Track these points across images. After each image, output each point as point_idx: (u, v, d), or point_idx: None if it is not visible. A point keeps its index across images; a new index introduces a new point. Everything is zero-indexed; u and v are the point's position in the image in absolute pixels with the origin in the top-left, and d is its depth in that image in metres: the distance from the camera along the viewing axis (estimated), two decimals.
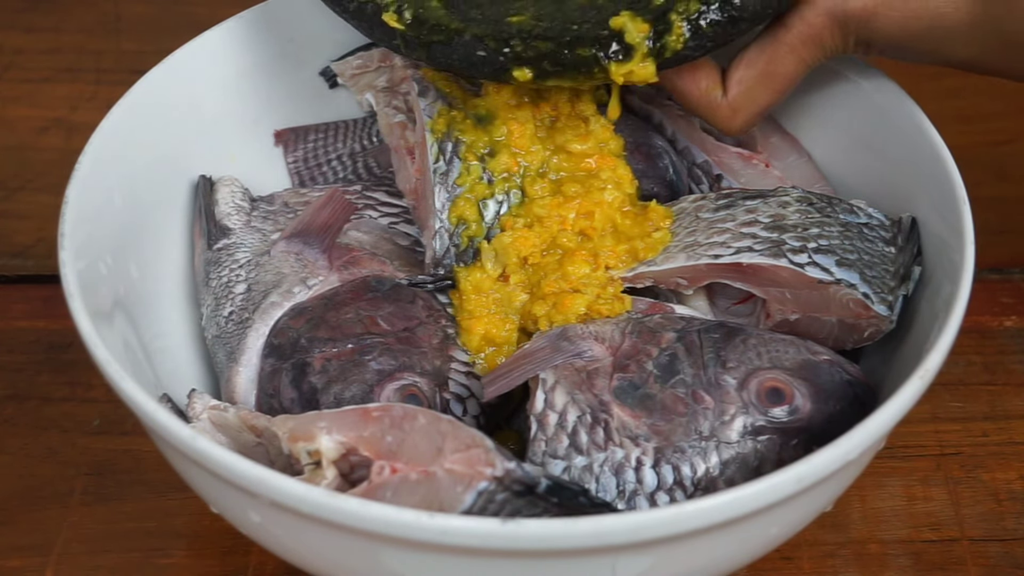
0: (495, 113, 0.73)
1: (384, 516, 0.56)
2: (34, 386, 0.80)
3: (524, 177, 0.73)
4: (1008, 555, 0.73)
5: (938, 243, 0.69)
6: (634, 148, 0.75)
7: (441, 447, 0.60)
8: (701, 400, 0.65)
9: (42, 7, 1.06)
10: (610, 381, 0.66)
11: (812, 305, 0.68)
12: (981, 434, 0.78)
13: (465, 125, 0.73)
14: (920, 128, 0.72)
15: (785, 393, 0.65)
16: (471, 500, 0.59)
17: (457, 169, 0.73)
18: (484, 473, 0.59)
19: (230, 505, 0.63)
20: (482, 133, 0.73)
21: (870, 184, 0.75)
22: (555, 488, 0.60)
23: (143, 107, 0.75)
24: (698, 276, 0.69)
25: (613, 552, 0.57)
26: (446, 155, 0.73)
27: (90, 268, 0.68)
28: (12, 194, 0.92)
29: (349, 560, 0.61)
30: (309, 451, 0.62)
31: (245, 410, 0.67)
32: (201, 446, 0.59)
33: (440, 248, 0.72)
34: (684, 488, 0.63)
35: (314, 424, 0.62)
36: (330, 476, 0.62)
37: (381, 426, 0.62)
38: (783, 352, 0.66)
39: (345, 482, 0.62)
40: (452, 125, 0.73)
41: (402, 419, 0.62)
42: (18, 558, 0.73)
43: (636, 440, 0.64)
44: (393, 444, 0.61)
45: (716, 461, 0.64)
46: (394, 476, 0.60)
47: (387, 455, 0.61)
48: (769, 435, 0.64)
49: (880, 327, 0.67)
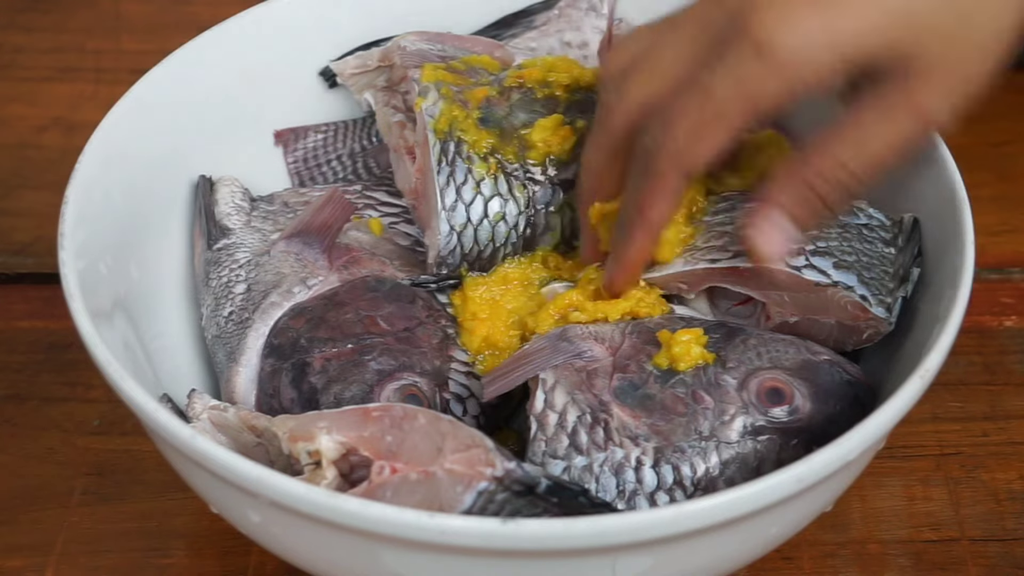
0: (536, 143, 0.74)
1: (384, 516, 0.56)
2: (34, 386, 0.80)
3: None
4: (1008, 555, 0.73)
5: (938, 244, 0.69)
6: None
7: (441, 447, 0.60)
8: (701, 400, 0.65)
9: (42, 7, 1.06)
10: (610, 381, 0.66)
11: (811, 307, 0.68)
12: (981, 434, 0.78)
13: (467, 124, 0.73)
14: None
15: (785, 393, 0.65)
16: (471, 500, 0.59)
17: (461, 169, 0.73)
18: (484, 473, 0.59)
19: (230, 505, 0.63)
20: (485, 133, 0.73)
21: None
22: (555, 488, 0.60)
23: (144, 106, 0.75)
24: (697, 280, 0.69)
25: (613, 552, 0.57)
26: (448, 155, 0.73)
27: (90, 268, 0.68)
28: (11, 192, 0.92)
29: (348, 560, 0.61)
30: (309, 451, 0.62)
31: (245, 410, 0.67)
32: (201, 446, 0.59)
33: (444, 248, 0.72)
34: (684, 488, 0.63)
35: (314, 424, 0.62)
36: (330, 476, 0.62)
37: (381, 426, 0.62)
38: (783, 352, 0.66)
39: (345, 482, 0.62)
40: (454, 124, 0.73)
41: (402, 419, 0.62)
42: (18, 558, 0.73)
43: (636, 440, 0.64)
44: (393, 444, 0.61)
45: (716, 461, 0.64)
46: (394, 476, 0.60)
47: (387, 455, 0.61)
48: (769, 435, 0.64)
49: (879, 329, 0.67)
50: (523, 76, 0.76)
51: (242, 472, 0.58)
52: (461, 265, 0.73)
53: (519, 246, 0.74)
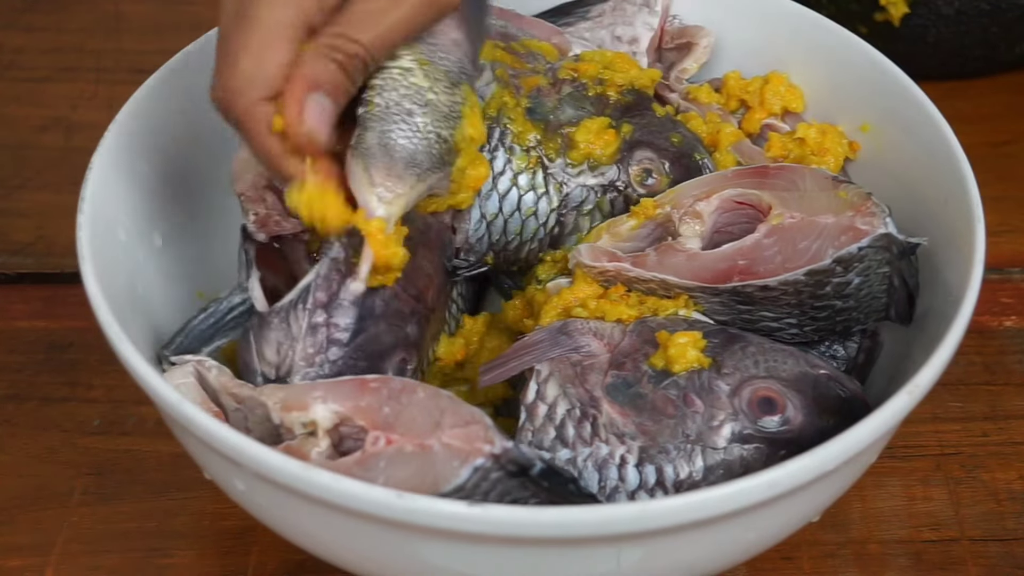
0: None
1: (353, 492, 0.56)
2: (34, 386, 0.80)
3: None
4: (1008, 555, 0.73)
5: (944, 265, 0.69)
6: (675, 160, 0.75)
7: (440, 421, 0.61)
8: (692, 403, 0.65)
9: (42, 7, 1.06)
10: (604, 378, 0.66)
11: (816, 207, 0.68)
12: (981, 434, 0.78)
13: (516, 113, 0.73)
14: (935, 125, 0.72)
15: (777, 403, 0.65)
16: (467, 475, 0.59)
17: (501, 157, 0.72)
18: (482, 450, 0.59)
19: (217, 471, 0.63)
20: (531, 125, 0.73)
21: (885, 184, 0.75)
22: (548, 473, 0.60)
23: (173, 82, 0.75)
24: (716, 186, 0.70)
25: (579, 544, 0.58)
26: (492, 141, 0.72)
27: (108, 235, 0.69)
28: (12, 192, 0.92)
29: (327, 534, 0.61)
30: (304, 422, 0.62)
31: (227, 376, 0.67)
32: (187, 411, 0.60)
33: (473, 235, 0.73)
34: (665, 489, 0.63)
35: (308, 395, 0.63)
36: (323, 445, 0.62)
37: (379, 397, 0.62)
38: (781, 362, 0.66)
39: (336, 453, 0.62)
40: (503, 111, 0.73)
41: (400, 391, 0.62)
42: (18, 558, 0.73)
43: (622, 438, 0.64)
44: (391, 415, 0.61)
45: (700, 465, 0.64)
46: (389, 447, 0.60)
47: (383, 426, 0.61)
48: (757, 444, 0.64)
49: (873, 225, 0.66)
50: (578, 69, 0.75)
51: (225, 441, 0.59)
52: (487, 253, 0.73)
53: (546, 243, 0.74)
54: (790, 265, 0.66)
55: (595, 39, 0.82)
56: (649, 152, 0.74)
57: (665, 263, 0.69)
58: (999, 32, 0.94)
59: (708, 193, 0.70)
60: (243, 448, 0.58)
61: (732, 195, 0.70)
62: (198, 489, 0.74)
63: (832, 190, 0.68)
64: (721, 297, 0.68)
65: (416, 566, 0.61)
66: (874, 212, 0.66)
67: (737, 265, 0.67)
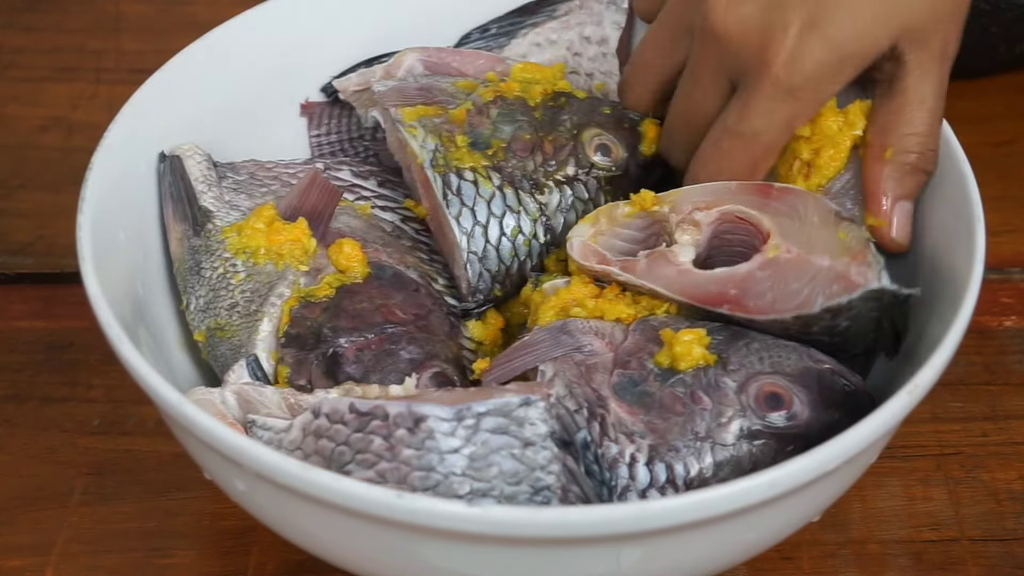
0: None
1: (354, 492, 0.56)
2: (34, 386, 0.80)
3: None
4: (1008, 555, 0.73)
5: (946, 271, 0.68)
6: (616, 126, 0.76)
7: None
8: (699, 401, 0.65)
9: (42, 7, 1.06)
10: (610, 376, 0.66)
11: (814, 244, 0.67)
12: (981, 434, 0.78)
13: (461, 154, 0.73)
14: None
15: (784, 399, 0.65)
16: None
17: (468, 194, 0.73)
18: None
19: (217, 471, 0.64)
20: (479, 156, 0.73)
21: None
22: None
23: (175, 83, 0.75)
24: (719, 199, 0.70)
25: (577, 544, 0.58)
26: (452, 187, 0.73)
27: (108, 235, 0.69)
28: (12, 192, 0.92)
29: (329, 536, 0.61)
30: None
31: (288, 390, 0.67)
32: (188, 411, 0.60)
33: (473, 278, 0.73)
34: (676, 487, 0.63)
35: None
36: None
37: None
38: (785, 358, 0.66)
39: None
40: (448, 158, 0.73)
41: None
42: (18, 558, 0.73)
43: (632, 436, 0.64)
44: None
45: (710, 462, 0.64)
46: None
47: None
48: (765, 440, 0.64)
49: (867, 278, 0.65)
50: (500, 89, 0.76)
51: (225, 441, 0.59)
52: (493, 288, 0.73)
53: (544, 254, 0.74)
54: (779, 306, 0.66)
55: (563, 40, 0.82)
56: (593, 130, 0.76)
57: (655, 272, 0.69)
58: (999, 32, 0.94)
59: (709, 204, 0.70)
60: (243, 448, 0.58)
61: (733, 211, 0.70)
62: (198, 489, 0.74)
63: (833, 227, 0.67)
64: (710, 315, 0.68)
65: (416, 566, 0.61)
66: (870, 263, 0.65)
67: (728, 293, 0.67)
